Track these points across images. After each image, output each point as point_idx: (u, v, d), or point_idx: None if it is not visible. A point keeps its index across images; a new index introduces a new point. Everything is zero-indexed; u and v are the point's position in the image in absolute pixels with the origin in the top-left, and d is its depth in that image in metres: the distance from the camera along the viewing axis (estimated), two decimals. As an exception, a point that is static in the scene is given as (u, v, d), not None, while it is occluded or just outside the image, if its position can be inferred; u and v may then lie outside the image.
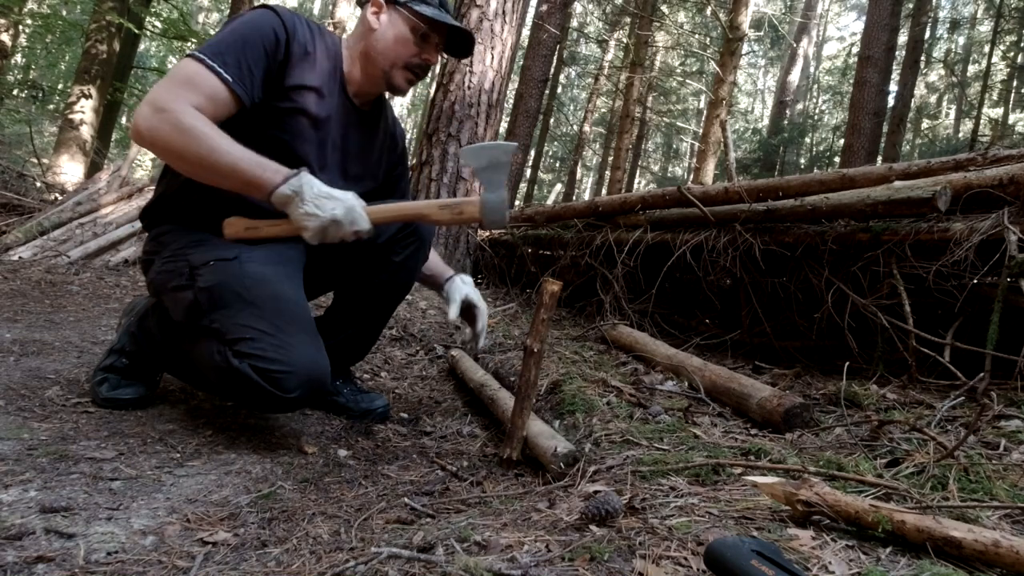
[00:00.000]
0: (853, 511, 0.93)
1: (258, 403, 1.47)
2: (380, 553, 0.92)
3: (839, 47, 26.39)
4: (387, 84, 1.66)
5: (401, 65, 1.63)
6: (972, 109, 16.48)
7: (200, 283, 1.50)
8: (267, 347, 1.43)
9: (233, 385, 1.45)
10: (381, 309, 1.89)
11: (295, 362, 1.44)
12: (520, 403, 1.47)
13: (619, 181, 12.25)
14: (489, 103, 4.29)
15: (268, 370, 1.41)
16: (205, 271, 1.51)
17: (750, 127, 22.95)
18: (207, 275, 1.51)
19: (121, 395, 1.65)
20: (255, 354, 1.42)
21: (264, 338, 1.43)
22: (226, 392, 1.55)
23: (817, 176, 2.57)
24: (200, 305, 1.49)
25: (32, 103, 11.07)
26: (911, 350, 1.99)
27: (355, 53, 1.66)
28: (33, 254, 4.02)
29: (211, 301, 1.48)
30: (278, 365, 1.42)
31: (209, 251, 1.54)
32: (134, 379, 1.70)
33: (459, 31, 1.69)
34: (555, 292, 1.46)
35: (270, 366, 1.41)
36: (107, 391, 1.65)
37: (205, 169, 1.40)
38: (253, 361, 1.41)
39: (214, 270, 1.51)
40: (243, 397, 1.48)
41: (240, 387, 1.44)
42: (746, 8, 9.28)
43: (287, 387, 1.42)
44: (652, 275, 2.94)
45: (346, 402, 1.88)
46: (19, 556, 0.92)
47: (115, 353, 1.71)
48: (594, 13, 16.90)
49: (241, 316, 1.46)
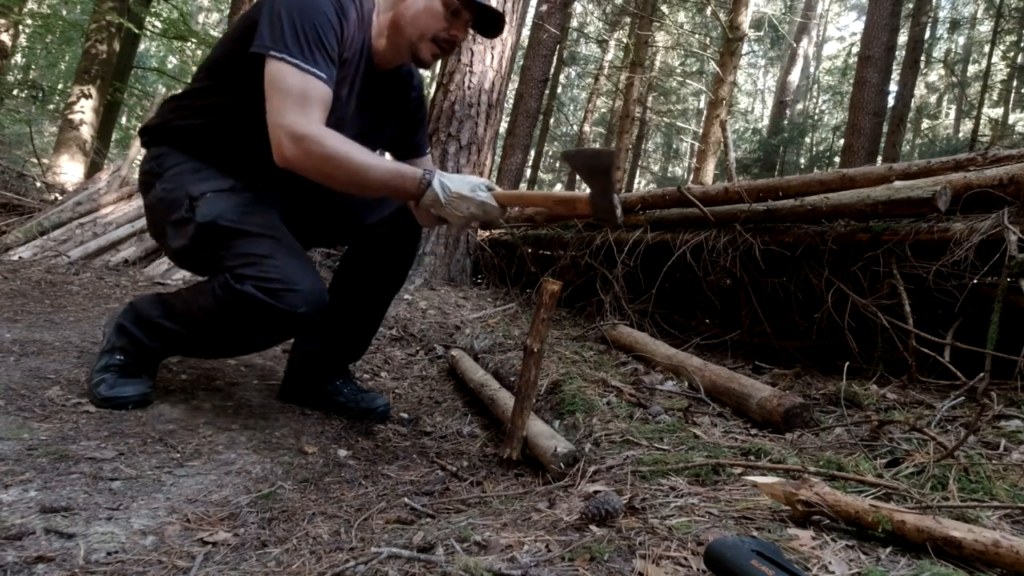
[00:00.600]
0: (853, 511, 0.93)
1: (265, 325, 1.50)
2: (380, 553, 0.92)
3: (839, 47, 26.39)
4: (412, 55, 1.65)
5: (429, 38, 1.63)
6: (972, 109, 16.48)
7: (199, 216, 1.54)
8: (269, 268, 1.47)
9: (238, 311, 1.48)
10: (377, 296, 1.90)
11: (298, 280, 1.48)
12: (520, 403, 1.47)
13: (619, 181, 12.24)
14: (489, 103, 4.29)
15: (273, 288, 1.46)
16: (203, 203, 1.56)
17: (750, 127, 22.94)
18: (204, 207, 1.55)
19: (121, 393, 1.64)
20: (258, 276, 1.47)
21: (264, 261, 1.49)
22: (233, 327, 1.54)
23: (817, 176, 2.57)
24: (200, 238, 1.54)
25: (32, 103, 11.06)
26: (911, 350, 1.99)
27: (384, 21, 1.65)
28: (33, 254, 4.02)
29: (210, 235, 1.53)
30: (282, 284, 1.46)
31: (207, 181, 1.60)
32: (132, 375, 1.70)
33: (490, 11, 1.68)
34: (555, 292, 1.46)
35: (274, 285, 1.46)
36: (106, 390, 1.64)
37: (354, 186, 1.48)
38: (256, 282, 1.46)
39: (211, 202, 1.56)
40: (250, 323, 1.50)
41: (246, 311, 1.47)
42: (746, 8, 9.28)
43: (293, 303, 1.47)
44: (652, 275, 2.94)
45: (347, 401, 1.88)
46: (19, 556, 0.92)
47: (107, 353, 1.70)
48: (594, 13, 16.90)
49: (239, 245, 1.52)
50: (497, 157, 7.01)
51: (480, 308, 3.47)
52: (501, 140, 8.56)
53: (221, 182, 1.61)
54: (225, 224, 1.53)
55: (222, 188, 1.59)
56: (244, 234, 1.53)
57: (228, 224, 1.53)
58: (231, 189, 1.61)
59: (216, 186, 1.59)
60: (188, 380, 1.97)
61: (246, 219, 1.55)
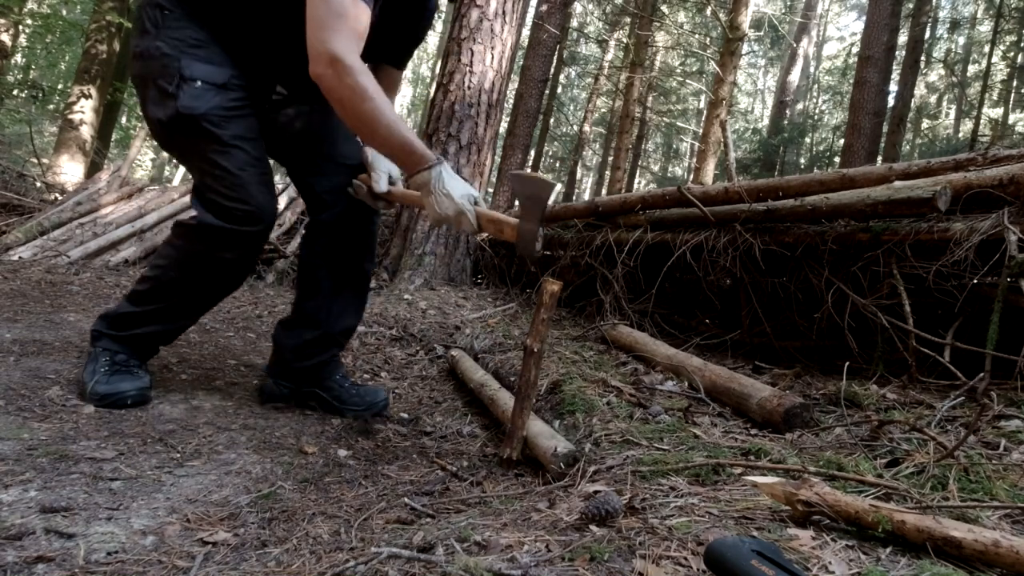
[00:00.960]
0: (853, 511, 0.93)
1: (222, 244, 1.62)
2: (380, 553, 0.92)
3: (839, 47, 26.38)
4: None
5: None
6: (972, 109, 16.47)
7: (182, 103, 1.57)
8: (229, 184, 1.59)
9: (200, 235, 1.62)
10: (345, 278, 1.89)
11: (252, 197, 1.60)
12: (520, 403, 1.47)
13: (619, 181, 12.23)
14: (489, 103, 4.29)
15: (230, 208, 1.59)
16: (190, 90, 1.58)
17: (750, 127, 22.93)
18: (190, 96, 1.57)
19: (119, 388, 1.64)
20: (217, 189, 1.59)
21: (228, 177, 1.59)
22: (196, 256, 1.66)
23: (817, 176, 2.57)
24: (177, 125, 1.59)
25: (32, 103, 11.05)
26: (911, 350, 1.99)
27: None
28: (33, 254, 4.02)
29: (188, 127, 1.59)
30: (239, 203, 1.59)
31: (204, 64, 1.60)
32: (126, 371, 1.69)
33: None
34: (555, 292, 1.46)
35: (232, 203, 1.59)
36: (103, 386, 1.63)
37: (365, 128, 1.51)
38: (214, 195, 1.60)
39: (200, 95, 1.58)
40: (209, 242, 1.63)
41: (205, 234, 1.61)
42: (746, 8, 9.27)
43: (245, 222, 1.60)
44: (652, 275, 2.94)
45: (348, 396, 1.87)
46: (19, 556, 0.92)
47: (94, 359, 1.70)
48: (594, 13, 16.89)
49: (211, 150, 1.59)
50: (497, 157, 7.01)
51: (480, 308, 3.47)
52: (501, 140, 8.56)
53: (217, 72, 1.61)
54: (205, 125, 1.58)
55: (215, 82, 1.60)
56: (218, 141, 1.59)
57: (208, 126, 1.58)
58: (224, 85, 1.61)
59: (210, 76, 1.60)
60: (188, 380, 1.97)
61: (225, 125, 1.60)
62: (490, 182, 6.44)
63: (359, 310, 1.96)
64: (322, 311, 1.86)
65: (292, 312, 1.91)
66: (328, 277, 1.86)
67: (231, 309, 3.15)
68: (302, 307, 1.89)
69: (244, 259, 1.70)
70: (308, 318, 1.87)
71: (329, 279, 1.86)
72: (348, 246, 1.86)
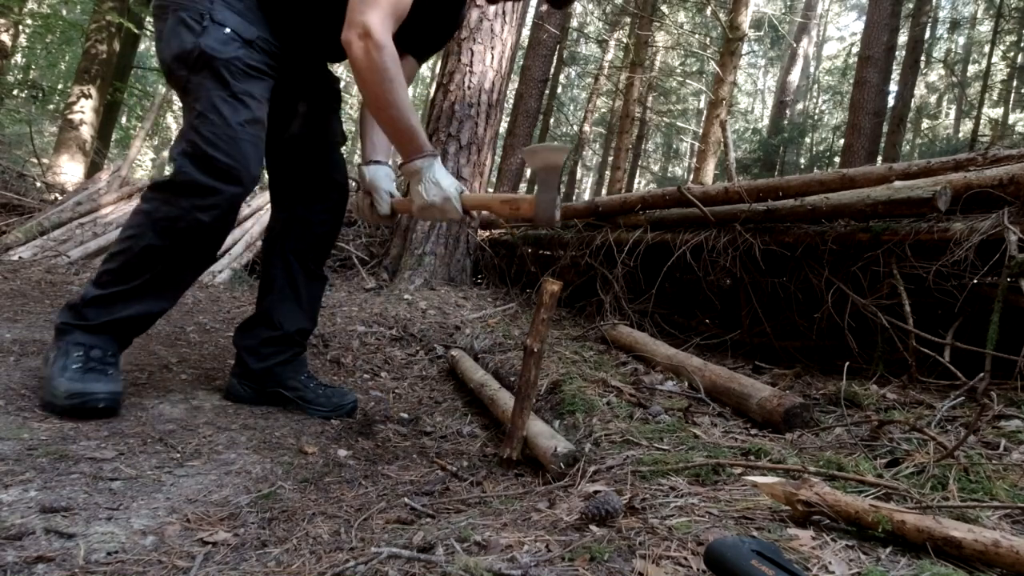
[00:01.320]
0: (853, 511, 0.93)
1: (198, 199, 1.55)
2: (380, 553, 0.92)
3: (839, 47, 26.38)
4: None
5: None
6: (972, 109, 16.47)
7: (206, 41, 1.54)
8: (221, 138, 1.54)
9: (176, 191, 1.56)
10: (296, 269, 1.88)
11: (239, 160, 1.56)
12: (520, 403, 1.47)
13: (619, 181, 12.23)
14: (489, 103, 4.29)
15: (212, 160, 1.54)
16: (217, 33, 1.55)
17: (750, 127, 22.92)
18: (216, 39, 1.55)
19: (90, 388, 1.49)
20: (207, 137, 1.54)
21: (224, 132, 1.55)
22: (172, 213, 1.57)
23: (817, 176, 2.57)
24: (193, 56, 1.55)
25: (32, 103, 11.05)
26: (911, 350, 1.99)
27: None
28: (33, 254, 4.02)
29: (204, 65, 1.55)
30: (225, 158, 1.54)
31: (235, 16, 1.59)
32: (101, 369, 1.55)
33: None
34: (555, 292, 1.47)
35: (217, 157, 1.54)
36: (73, 384, 1.49)
37: (376, 104, 1.52)
38: (201, 140, 1.54)
39: (227, 40, 1.56)
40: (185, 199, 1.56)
41: (182, 189, 1.55)
42: (746, 8, 9.27)
43: (227, 181, 1.55)
44: (652, 275, 2.94)
45: (314, 397, 1.85)
46: (19, 556, 0.92)
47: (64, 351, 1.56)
48: (594, 13, 16.89)
49: (216, 97, 1.55)
50: (497, 157, 7.01)
51: (480, 308, 3.47)
52: (501, 140, 8.56)
53: (248, 28, 1.60)
54: (220, 70, 1.55)
55: (244, 36, 1.59)
56: (228, 88, 1.56)
57: (223, 71, 1.55)
58: (251, 43, 1.60)
59: (240, 28, 1.58)
60: (188, 380, 1.97)
61: (240, 78, 1.57)
62: (490, 182, 6.43)
63: (313, 310, 1.93)
64: (276, 310, 1.85)
65: (254, 312, 1.91)
66: (283, 276, 1.86)
67: (231, 309, 3.15)
68: (259, 306, 1.89)
69: (219, 223, 1.61)
70: (264, 317, 1.86)
71: (284, 278, 1.86)
72: (304, 247, 1.87)
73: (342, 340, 2.70)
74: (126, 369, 1.93)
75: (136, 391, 1.77)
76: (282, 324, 1.85)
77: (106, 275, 1.61)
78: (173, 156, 1.59)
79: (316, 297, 1.93)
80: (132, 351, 1.92)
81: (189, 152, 1.55)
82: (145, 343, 2.23)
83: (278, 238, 1.89)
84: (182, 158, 1.56)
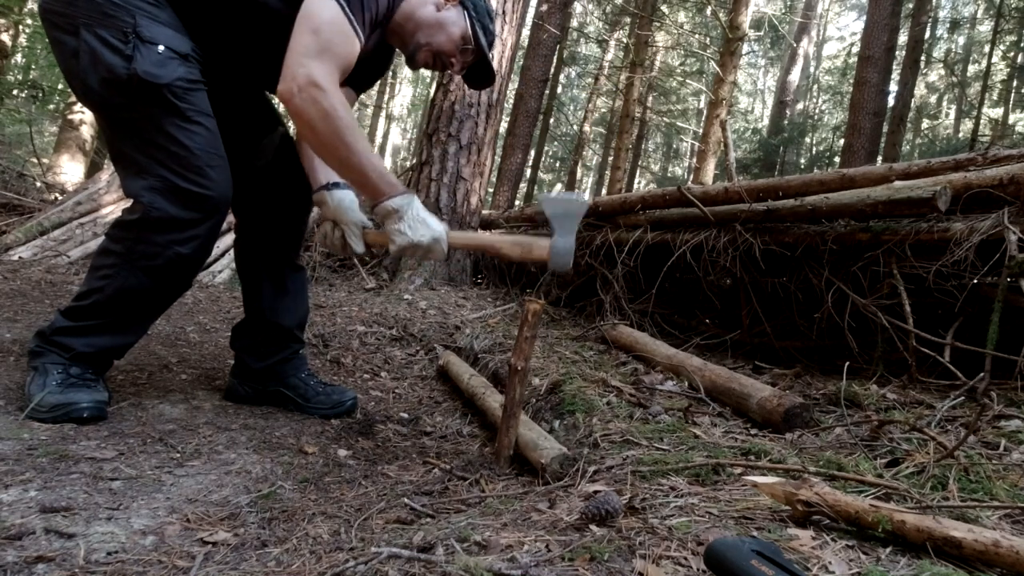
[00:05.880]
0: (853, 511, 0.93)
1: (176, 233, 1.49)
2: (380, 553, 0.92)
3: (839, 47, 26.35)
4: (408, 53, 1.66)
5: (433, 51, 1.64)
6: (972, 109, 16.46)
7: (142, 66, 1.42)
8: (187, 167, 1.47)
9: (150, 227, 1.48)
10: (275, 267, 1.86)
11: (210, 185, 1.50)
12: (506, 422, 1.49)
13: (619, 181, 12.22)
14: (489, 103, 4.29)
15: (185, 190, 1.47)
16: (151, 55, 1.43)
17: (750, 127, 22.91)
18: (152, 63, 1.43)
19: (74, 398, 1.46)
20: (176, 169, 1.47)
21: (187, 158, 1.47)
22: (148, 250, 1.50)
23: (817, 176, 2.57)
24: (131, 87, 1.43)
25: (32, 103, 11.04)
26: (911, 350, 1.99)
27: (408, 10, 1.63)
28: (33, 254, 4.02)
29: (149, 95, 1.44)
30: (196, 188, 1.48)
31: (164, 28, 1.47)
32: (83, 382, 1.52)
33: (488, 68, 1.75)
34: (537, 311, 1.48)
35: (187, 185, 1.47)
36: (54, 396, 1.45)
37: (336, 159, 1.47)
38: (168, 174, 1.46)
39: (164, 62, 1.44)
40: (161, 235, 1.49)
41: (156, 226, 1.48)
42: (746, 8, 9.27)
43: (208, 207, 1.50)
44: (652, 275, 2.94)
45: (314, 395, 1.85)
46: (19, 556, 0.92)
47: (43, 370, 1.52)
48: (594, 13, 16.88)
49: (173, 126, 1.46)
50: (497, 157, 7.01)
51: (480, 308, 3.47)
52: (501, 140, 8.56)
53: (181, 41, 1.49)
54: (168, 96, 1.44)
55: (179, 51, 1.47)
56: (180, 115, 1.46)
57: (171, 98, 1.45)
58: (186, 57, 1.49)
59: (174, 43, 1.47)
60: (188, 380, 1.97)
61: (188, 98, 1.48)
62: (490, 182, 6.43)
63: (304, 300, 1.93)
64: (267, 309, 1.85)
65: (244, 315, 1.90)
66: (269, 276, 1.85)
67: (231, 309, 3.15)
68: (249, 308, 1.87)
69: (199, 252, 1.55)
70: (256, 318, 1.86)
71: (268, 277, 1.85)
72: (279, 243, 1.86)
73: (342, 340, 2.70)
74: (126, 369, 1.93)
75: (136, 391, 1.77)
76: (279, 321, 1.85)
77: (76, 311, 1.56)
78: (135, 192, 1.49)
79: (303, 286, 1.93)
80: (132, 351, 1.91)
81: (159, 187, 1.47)
82: (145, 343, 2.23)
83: (251, 241, 1.86)
84: (151, 193, 1.47)
